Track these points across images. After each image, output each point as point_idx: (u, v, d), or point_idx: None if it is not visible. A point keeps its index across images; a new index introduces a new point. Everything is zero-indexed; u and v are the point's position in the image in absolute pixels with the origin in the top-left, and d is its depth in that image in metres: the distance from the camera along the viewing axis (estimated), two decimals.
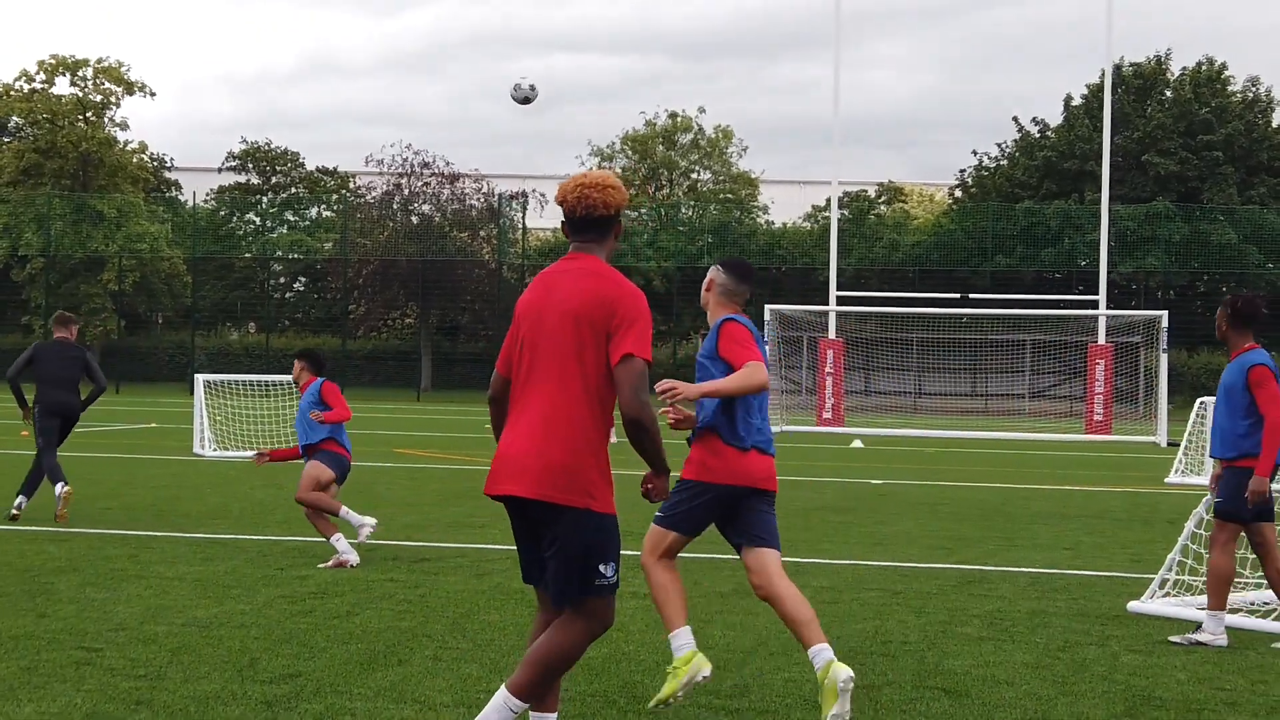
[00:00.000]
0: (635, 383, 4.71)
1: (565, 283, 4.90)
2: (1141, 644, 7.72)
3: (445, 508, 13.89)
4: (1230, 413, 7.95)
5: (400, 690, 6.30)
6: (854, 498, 15.85)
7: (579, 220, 5.00)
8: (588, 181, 5.00)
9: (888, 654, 7.32)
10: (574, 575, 4.81)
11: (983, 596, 9.19)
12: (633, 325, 4.77)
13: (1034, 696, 6.47)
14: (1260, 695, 6.59)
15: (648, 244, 55.79)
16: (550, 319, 4.83)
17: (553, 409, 4.78)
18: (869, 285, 52.81)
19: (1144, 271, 51.43)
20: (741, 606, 8.60)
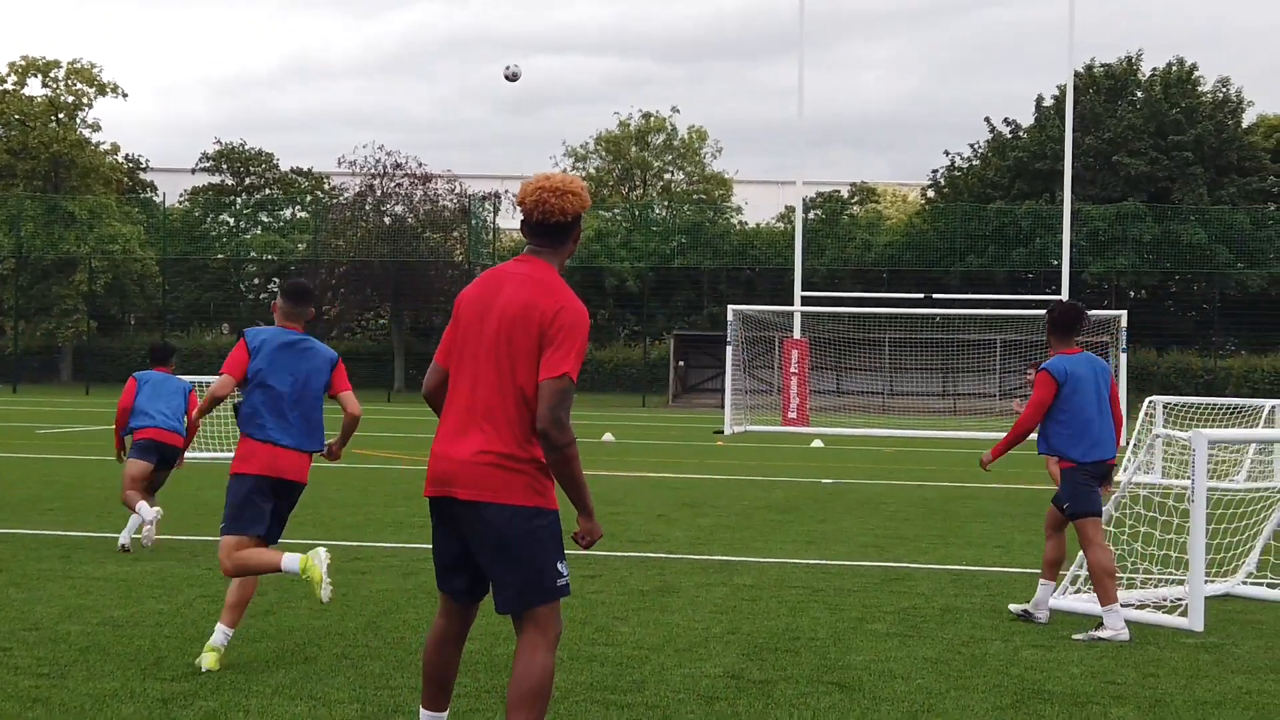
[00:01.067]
0: (557, 400, 4.62)
1: (512, 286, 4.80)
2: (1045, 639, 7.85)
3: (390, 508, 13.97)
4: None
5: (299, 687, 6.39)
6: (801, 497, 15.96)
7: (535, 224, 4.87)
8: (548, 185, 4.84)
9: (792, 650, 7.42)
10: (530, 577, 4.69)
11: (901, 593, 9.31)
12: (569, 343, 4.67)
13: (925, 690, 6.58)
14: (1148, 689, 6.71)
15: (621, 244, 55.89)
16: (492, 321, 4.77)
17: (491, 410, 4.71)
18: (842, 285, 52.98)
19: (1115, 271, 51.69)
20: (659, 604, 8.70)
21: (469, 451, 4.71)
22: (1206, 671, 7.11)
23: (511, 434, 4.70)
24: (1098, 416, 8.22)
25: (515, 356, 4.71)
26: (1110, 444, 8.24)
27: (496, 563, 4.72)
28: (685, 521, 13.21)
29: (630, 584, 9.46)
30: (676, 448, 24.93)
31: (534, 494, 4.73)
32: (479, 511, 4.70)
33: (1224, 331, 52.79)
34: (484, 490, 4.68)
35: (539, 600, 4.75)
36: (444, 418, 4.88)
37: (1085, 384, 8.25)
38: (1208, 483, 8.25)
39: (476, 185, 56.91)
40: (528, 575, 4.72)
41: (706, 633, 7.83)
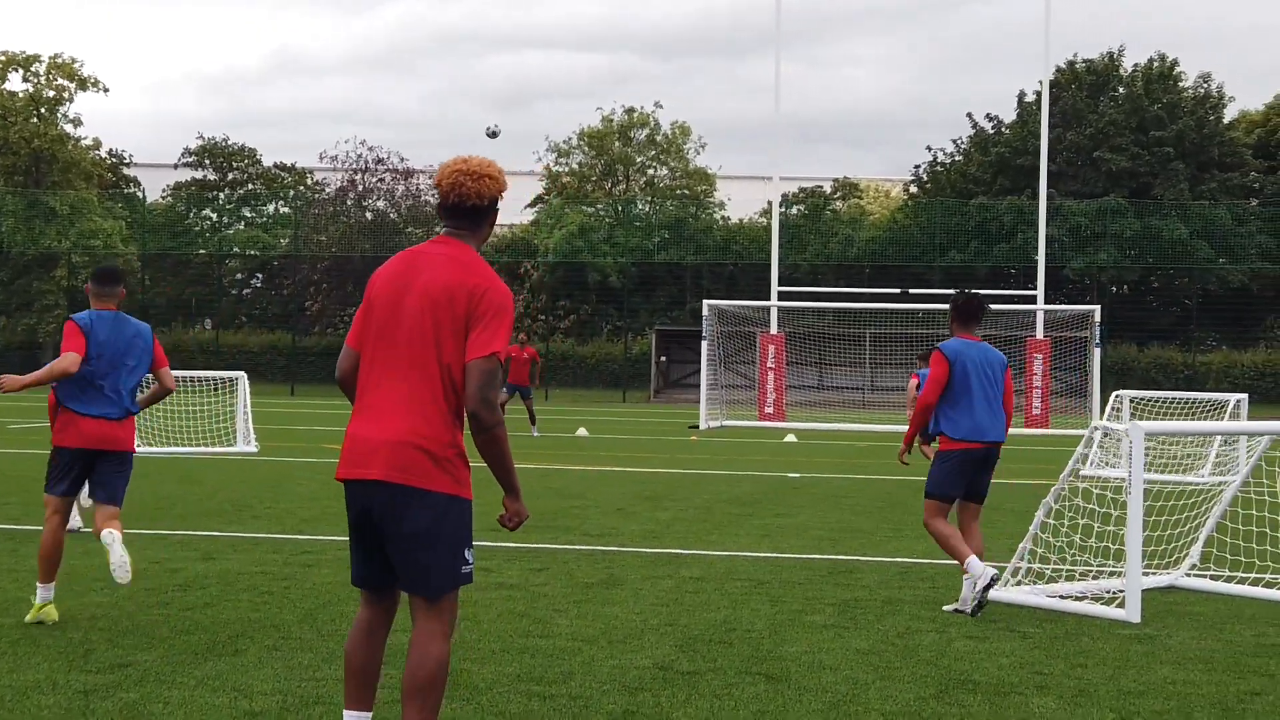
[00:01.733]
0: (487, 380, 4.61)
1: (432, 266, 4.76)
2: (980, 630, 7.88)
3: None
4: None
5: (224, 679, 6.39)
6: (764, 491, 15.99)
7: (452, 207, 4.85)
8: (465, 168, 4.83)
9: (726, 642, 7.44)
10: (444, 563, 4.68)
11: (845, 586, 9.34)
12: (495, 322, 4.67)
13: (851, 681, 6.61)
14: (1074, 679, 6.75)
15: (604, 240, 55.87)
16: (412, 302, 4.72)
17: (413, 392, 4.68)
18: (824, 281, 53.00)
19: (1096, 267, 51.79)
20: (602, 596, 8.72)
21: (392, 434, 4.67)
22: (1135, 662, 7.14)
23: (438, 417, 4.68)
24: (982, 403, 8.54)
25: (441, 337, 4.68)
26: (993, 431, 8.55)
27: (412, 549, 4.69)
28: (643, 515, 13.23)
29: (577, 577, 9.48)
30: (650, 442, 24.94)
31: (455, 483, 4.73)
32: (401, 496, 4.66)
33: (1204, 327, 52.93)
34: (409, 475, 4.65)
35: (449, 586, 4.75)
36: (361, 400, 4.83)
37: (974, 370, 8.56)
38: (1174, 476, 8.27)
39: None
40: (442, 562, 4.71)
41: (644, 625, 7.85)
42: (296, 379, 53.30)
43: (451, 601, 4.79)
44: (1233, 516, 10.03)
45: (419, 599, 4.73)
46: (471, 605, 8.28)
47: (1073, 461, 8.70)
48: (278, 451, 20.39)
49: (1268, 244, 51.18)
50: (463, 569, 4.78)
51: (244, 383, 20.76)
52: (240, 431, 20.55)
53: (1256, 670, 6.99)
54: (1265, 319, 51.78)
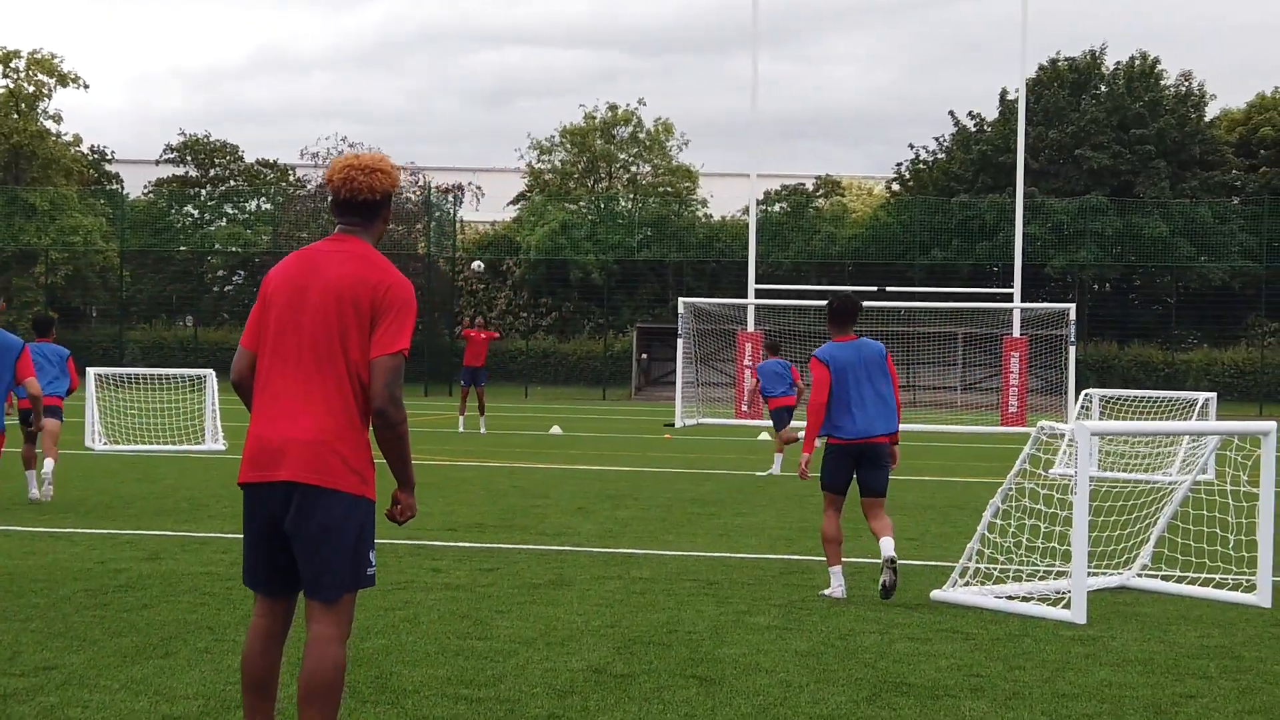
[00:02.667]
0: (393, 377, 4.60)
1: (332, 264, 4.72)
2: (923, 632, 7.82)
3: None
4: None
5: (149, 682, 6.31)
6: (729, 490, 15.93)
7: (344, 202, 4.81)
8: (356, 163, 4.81)
9: (665, 644, 7.37)
10: (346, 565, 4.62)
11: (794, 586, 9.29)
12: (401, 317, 4.65)
13: (785, 684, 6.55)
14: (1010, 681, 6.69)
15: (586, 237, 55.77)
16: (313, 300, 4.66)
17: (317, 391, 4.63)
18: (806, 278, 52.97)
19: (1077, 265, 51.82)
20: (548, 597, 8.65)
21: (301, 434, 4.61)
22: (1074, 664, 7.10)
23: (346, 416, 4.64)
24: (860, 402, 8.92)
25: (346, 334, 4.64)
26: (876, 424, 8.95)
27: (318, 551, 4.63)
28: (603, 514, 13.17)
29: (524, 577, 9.41)
30: (623, 440, 24.88)
31: (362, 483, 4.70)
32: (310, 497, 4.60)
33: (1185, 325, 53.00)
34: (319, 475, 4.60)
35: (352, 589, 4.70)
36: (261, 402, 4.76)
37: (849, 369, 8.93)
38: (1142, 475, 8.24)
39: (442, 178, 56.76)
40: (347, 564, 4.66)
41: (585, 626, 7.78)
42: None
43: (351, 604, 4.73)
44: (1184, 517, 10.00)
45: (318, 602, 4.66)
46: (414, 607, 8.21)
47: (1020, 462, 8.65)
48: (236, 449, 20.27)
49: (1248, 242, 51.25)
50: (366, 571, 4.74)
51: (212, 380, 20.66)
52: (209, 429, 20.44)
53: (1195, 673, 6.95)
54: (1246, 317, 51.83)
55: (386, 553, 10.32)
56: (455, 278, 57.39)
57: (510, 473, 17.51)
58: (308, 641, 4.68)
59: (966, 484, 17.13)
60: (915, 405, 45.94)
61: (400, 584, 8.99)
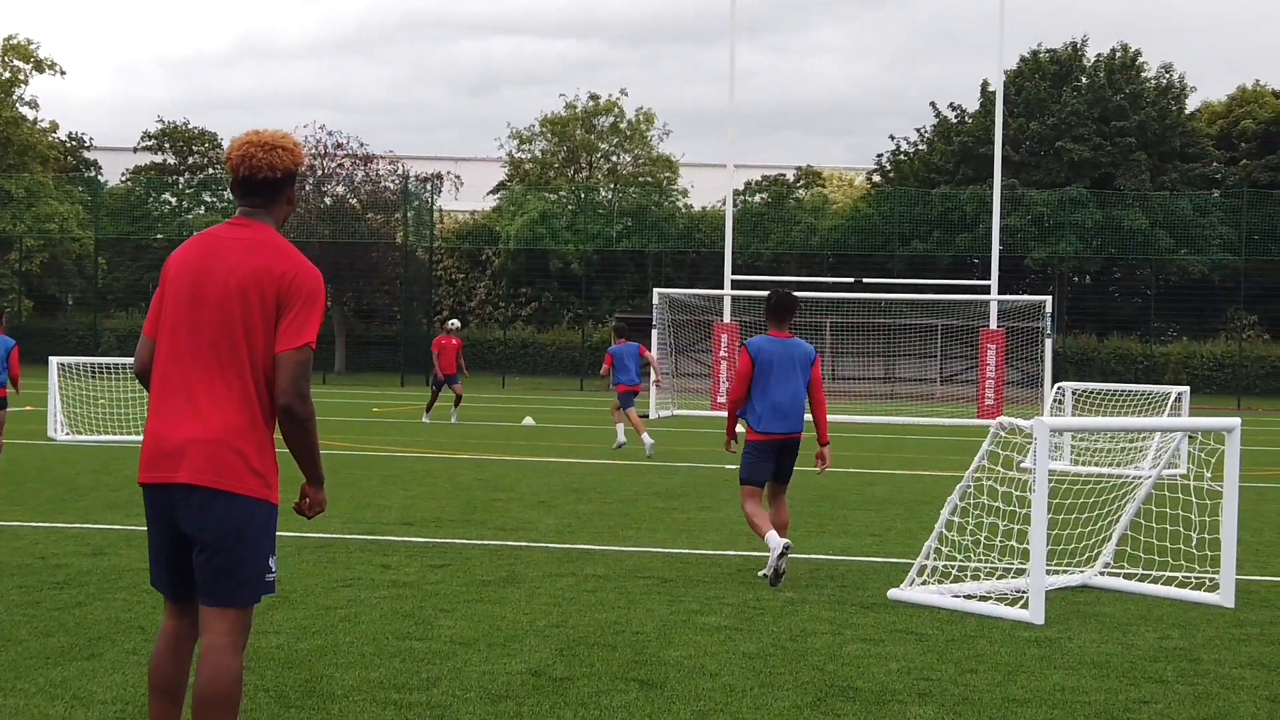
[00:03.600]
0: (301, 372, 4.39)
1: (234, 251, 4.47)
2: (877, 633, 7.63)
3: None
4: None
5: (69, 685, 6.09)
6: (696, 483, 15.73)
7: (243, 181, 4.57)
8: (255, 140, 4.57)
9: (611, 645, 7.17)
10: (251, 572, 4.43)
11: (750, 584, 9.10)
12: (309, 309, 4.43)
13: (727, 689, 6.35)
14: (960, 685, 6.51)
15: (565, 227, 55.51)
16: (215, 290, 4.43)
17: (218, 387, 4.41)
18: (786, 269, 52.81)
19: (1057, 256, 51.72)
20: (496, 595, 8.44)
21: (202, 433, 4.39)
22: (1028, 667, 6.91)
23: (250, 414, 4.43)
24: (780, 398, 9.18)
25: (250, 327, 4.41)
26: (788, 423, 9.21)
27: (216, 556, 4.41)
28: (565, 508, 12.96)
29: (475, 574, 9.20)
30: (594, 432, 24.67)
31: (263, 486, 4.48)
32: (210, 500, 4.39)
33: (1165, 317, 52.96)
34: (220, 477, 4.39)
35: (254, 597, 4.50)
36: (158, 397, 4.52)
37: (776, 365, 9.17)
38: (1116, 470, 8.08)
39: (422, 166, 56.40)
40: (247, 570, 4.46)
41: (530, 626, 7.57)
42: None
43: (249, 613, 4.52)
44: (1147, 514, 9.84)
45: (215, 609, 4.44)
46: (357, 605, 8.00)
47: (978, 458, 8.47)
48: None
49: (1229, 235, 51.22)
50: (266, 578, 4.53)
51: None
52: None
53: (1151, 676, 6.77)
54: (1225, 310, 51.82)
55: (337, 548, 10.11)
56: (434, 267, 57.09)
57: (476, 465, 17.30)
58: (202, 651, 4.45)
59: (936, 478, 16.94)
60: (894, 398, 45.83)
61: (346, 581, 8.78)
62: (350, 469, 16.37)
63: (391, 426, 25.12)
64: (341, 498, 13.28)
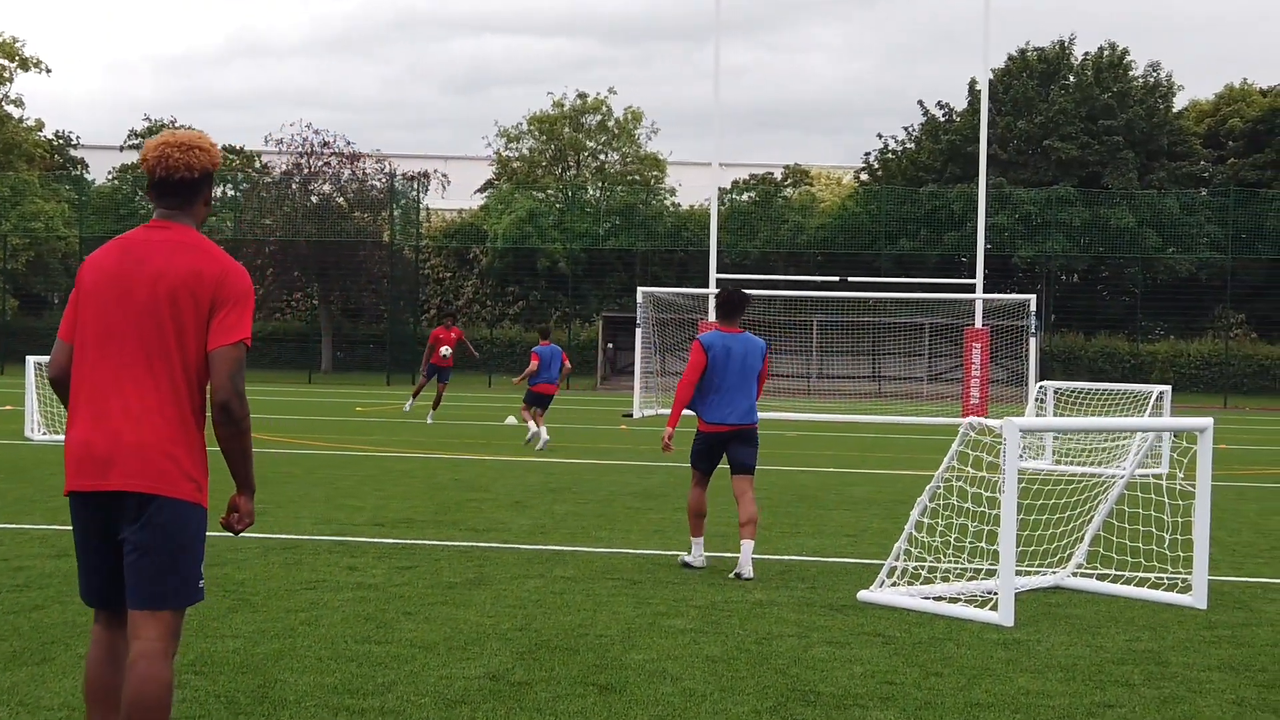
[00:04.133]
0: (236, 369, 4.35)
1: (159, 254, 4.42)
2: (844, 636, 7.55)
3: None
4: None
5: (15, 691, 5.99)
6: (673, 483, 15.62)
7: (160, 182, 4.51)
8: (172, 140, 4.53)
9: (573, 649, 7.08)
10: (178, 576, 4.38)
11: (720, 586, 9.01)
12: (239, 307, 4.39)
13: (687, 693, 6.26)
14: (924, 689, 6.42)
15: (553, 225, 55.41)
16: (142, 294, 4.38)
17: (148, 392, 4.36)
18: (774, 268, 52.73)
19: (1045, 255, 51.73)
20: (461, 598, 8.34)
21: (132, 438, 4.34)
22: (994, 670, 6.83)
23: (181, 418, 4.38)
24: (730, 392, 9.46)
25: (181, 328, 4.37)
26: (736, 416, 9.48)
27: (152, 559, 4.36)
28: (540, 509, 12.86)
29: (442, 576, 9.10)
30: (578, 431, 24.58)
31: (196, 490, 4.44)
32: (144, 506, 4.34)
33: (1152, 316, 52.97)
34: (154, 482, 4.33)
35: (186, 602, 4.45)
36: (83, 403, 4.43)
37: (728, 360, 9.45)
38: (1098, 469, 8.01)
39: (410, 165, 56.24)
40: (182, 573, 4.41)
41: (493, 629, 7.48)
42: None
43: (182, 618, 4.46)
44: (1120, 515, 9.77)
45: (147, 613, 4.37)
46: (319, 608, 7.90)
47: (948, 459, 8.38)
48: None
49: (1216, 233, 51.24)
50: (199, 584, 4.48)
51: None
52: None
53: (1118, 680, 6.69)
54: (1213, 309, 51.85)
55: (304, 549, 10.01)
56: (422, 266, 56.95)
57: (454, 465, 17.20)
58: (132, 658, 4.37)
59: (917, 478, 16.85)
60: (881, 396, 45.79)
61: (310, 583, 8.68)
62: (326, 469, 16.27)
63: (374, 426, 25.01)
64: (315, 498, 13.19)
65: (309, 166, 52.30)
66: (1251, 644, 7.59)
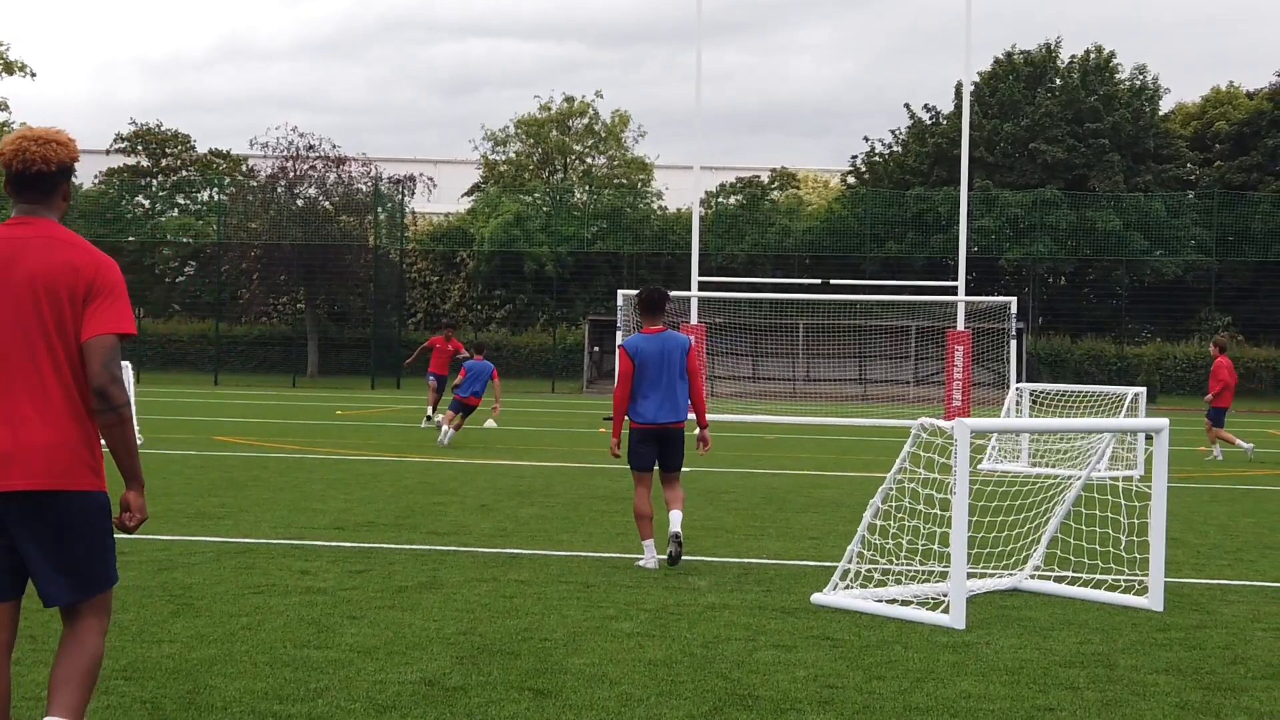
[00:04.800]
0: (111, 356, 4.40)
1: (30, 251, 4.44)
2: (791, 639, 7.46)
3: (203, 498, 13.41)
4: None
5: None
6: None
7: (17, 177, 4.53)
8: (29, 134, 4.55)
9: (514, 653, 6.99)
10: (97, 565, 4.51)
11: (674, 589, 8.91)
12: (112, 296, 4.45)
13: (624, 698, 6.17)
14: (865, 694, 6.34)
15: (540, 229, 55.33)
16: (18, 291, 4.41)
17: (36, 389, 4.39)
18: (761, 271, 52.65)
19: (1032, 258, 51.69)
20: (408, 601, 8.25)
21: (30, 437, 4.36)
22: (938, 674, 6.75)
23: (71, 411, 4.42)
24: (656, 391, 9.69)
25: (61, 323, 4.41)
26: (666, 413, 9.68)
27: (64, 554, 4.43)
28: (504, 512, 12.77)
29: (395, 580, 9.00)
30: (557, 434, 24.50)
31: (96, 476, 4.49)
32: (52, 502, 4.38)
33: (1138, 319, 52.96)
34: (59, 478, 4.38)
35: (104, 587, 4.58)
36: None
37: (653, 360, 9.71)
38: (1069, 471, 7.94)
39: (396, 168, 56.12)
40: (96, 563, 4.52)
41: (436, 634, 7.38)
42: (227, 368, 52.57)
43: (110, 597, 4.64)
44: (1079, 517, 9.70)
45: (86, 602, 4.55)
46: (263, 612, 7.80)
47: (900, 460, 8.30)
48: (169, 444, 19.82)
49: (1202, 236, 51.23)
50: (114, 562, 4.62)
51: (128, 374, 20.13)
52: None
53: (1062, 683, 6.61)
54: (1198, 311, 51.84)
55: (259, 553, 9.92)
56: (408, 270, 56.86)
57: (425, 468, 17.11)
58: (70, 639, 4.56)
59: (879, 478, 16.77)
60: (866, 399, 45.73)
61: (259, 587, 8.58)
62: (297, 472, 16.17)
63: (350, 429, 24.90)
64: (280, 502, 13.09)
65: (294, 170, 52.17)
66: (1203, 646, 7.51)
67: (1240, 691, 6.52)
